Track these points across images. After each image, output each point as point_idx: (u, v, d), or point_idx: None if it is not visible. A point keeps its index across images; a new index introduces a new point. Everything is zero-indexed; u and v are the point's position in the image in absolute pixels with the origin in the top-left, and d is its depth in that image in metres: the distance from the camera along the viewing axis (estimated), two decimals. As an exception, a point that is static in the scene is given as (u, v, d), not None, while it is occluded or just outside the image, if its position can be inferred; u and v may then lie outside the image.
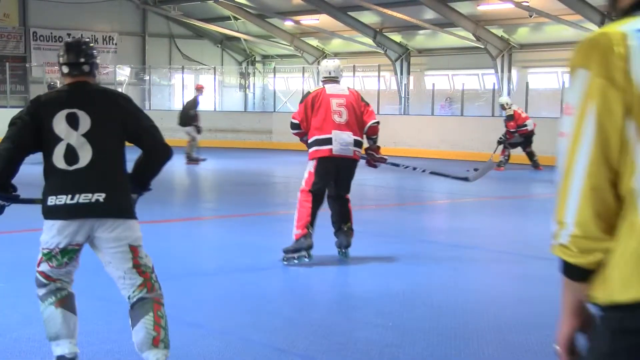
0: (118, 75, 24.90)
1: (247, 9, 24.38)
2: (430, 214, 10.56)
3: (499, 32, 21.09)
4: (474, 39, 20.88)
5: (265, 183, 13.97)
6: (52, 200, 3.51)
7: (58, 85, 17.01)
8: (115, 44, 26.03)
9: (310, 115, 6.57)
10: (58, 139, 3.50)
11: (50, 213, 3.52)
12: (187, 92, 24.92)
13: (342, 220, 6.75)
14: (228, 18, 25.50)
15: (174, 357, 3.92)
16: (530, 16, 19.34)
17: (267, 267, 6.47)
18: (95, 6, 25.12)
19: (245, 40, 27.24)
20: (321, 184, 6.54)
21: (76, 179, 3.48)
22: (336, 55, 25.62)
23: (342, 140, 6.48)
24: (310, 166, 6.57)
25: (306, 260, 6.47)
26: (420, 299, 5.50)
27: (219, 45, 28.17)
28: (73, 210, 3.47)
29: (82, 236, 3.52)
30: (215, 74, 26.33)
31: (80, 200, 3.46)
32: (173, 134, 19.36)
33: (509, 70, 21.41)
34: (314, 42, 25.60)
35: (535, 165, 15.90)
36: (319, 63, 25.32)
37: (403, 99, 23.43)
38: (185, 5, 25.20)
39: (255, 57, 28.73)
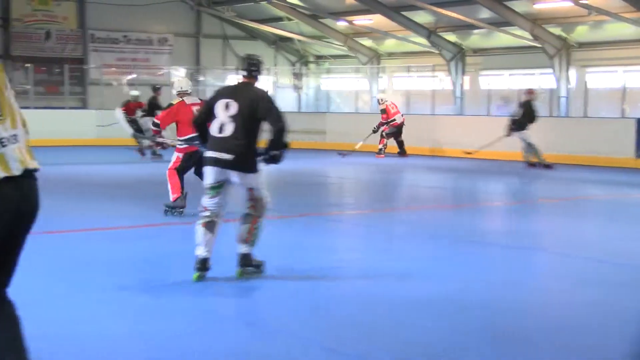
0: (173, 76, 25.19)
1: (300, 10, 24.44)
2: (486, 215, 10.42)
3: (557, 30, 20.72)
4: (531, 38, 20.57)
5: (319, 183, 13.97)
6: (207, 153, 5.75)
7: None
8: (170, 45, 26.36)
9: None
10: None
11: (205, 160, 5.74)
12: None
13: None
14: (281, 19, 25.61)
15: (233, 357, 3.94)
16: (589, 14, 18.96)
17: (324, 267, 6.45)
18: (151, 8, 25.46)
19: (298, 40, 27.31)
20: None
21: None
22: (390, 55, 25.53)
23: None
24: None
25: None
26: (477, 302, 5.41)
27: (273, 46, 28.29)
28: (214, 162, 5.69)
29: (223, 177, 5.64)
30: (269, 75, 26.44)
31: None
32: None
33: (567, 70, 21.03)
34: (367, 42, 25.53)
35: (402, 153, 19.06)
36: (372, 63, 25.29)
37: (458, 99, 23.22)
38: (239, 7, 25.38)
39: (308, 58, 28.79)
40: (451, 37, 23.07)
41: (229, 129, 5.57)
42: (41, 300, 5.14)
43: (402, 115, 19.31)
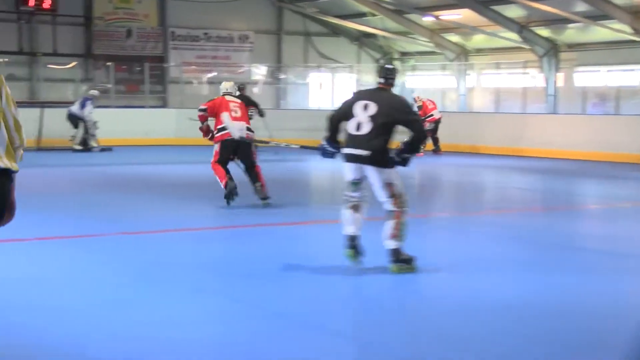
0: (253, 74, 25.52)
1: (385, 5, 24.39)
2: (580, 219, 10.21)
3: (660, 23, 20.08)
4: (631, 31, 20.01)
5: (418, 186, 13.93)
6: (344, 150, 6.39)
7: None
8: (251, 43, 26.66)
9: None
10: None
11: (344, 156, 6.37)
12: (323, 91, 25.27)
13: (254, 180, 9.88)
14: (365, 14, 25.61)
15: None
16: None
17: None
18: (231, 5, 25.84)
19: (382, 37, 27.25)
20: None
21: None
22: (478, 51, 25.23)
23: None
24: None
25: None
26: (568, 309, 5.32)
27: (356, 43, 28.30)
28: (351, 158, 6.35)
29: (359, 173, 6.28)
30: (351, 72, 26.49)
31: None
32: (309, 134, 19.71)
33: (671, 65, 20.36)
34: (454, 38, 25.29)
35: (436, 150, 19.40)
36: (460, 60, 25.02)
37: (550, 97, 22.76)
38: (322, 2, 25.51)
39: (393, 54, 28.70)
40: (544, 31, 22.63)
41: (366, 128, 6.18)
42: (130, 301, 5.29)
43: (439, 112, 20.04)
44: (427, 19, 24.10)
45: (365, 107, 6.24)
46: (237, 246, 7.37)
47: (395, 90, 6.61)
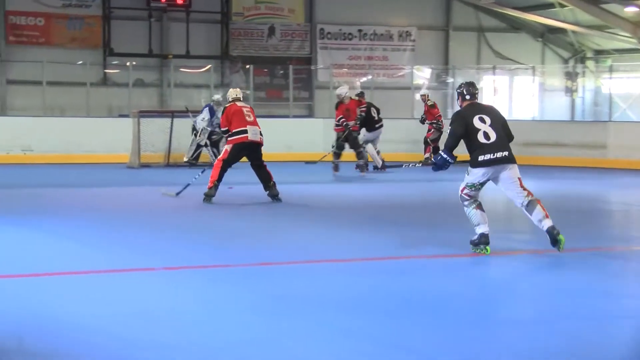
0: (415, 77, 25.39)
1: (577, -8, 23.74)
2: None
3: None
4: None
5: (597, 210, 13.36)
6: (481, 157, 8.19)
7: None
8: (413, 41, 26.59)
9: None
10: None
11: (479, 164, 8.21)
12: (499, 97, 24.81)
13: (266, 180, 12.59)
14: (552, 5, 25.00)
15: None
16: None
17: (597, 315, 6.08)
18: (391, -3, 25.97)
19: (573, 32, 26.51)
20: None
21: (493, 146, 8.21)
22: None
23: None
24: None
25: None
26: None
27: (540, 39, 27.69)
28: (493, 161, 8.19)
29: (492, 175, 8.26)
30: (534, 75, 25.90)
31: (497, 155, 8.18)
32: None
33: None
34: (664, 32, 24.24)
35: (427, 160, 19.07)
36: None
37: None
38: (499, -8, 25.19)
39: (585, 53, 27.85)
40: None
41: (493, 135, 8.26)
42: (263, 341, 5.30)
43: None
44: (630, 10, 23.22)
45: (482, 119, 8.33)
46: (387, 281, 7.23)
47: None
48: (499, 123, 8.38)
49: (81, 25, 23.91)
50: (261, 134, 12.51)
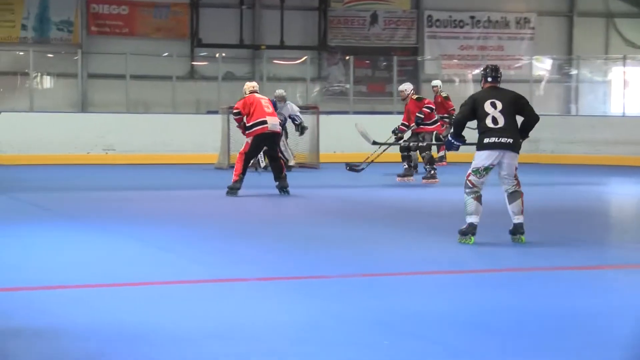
0: (535, 69, 24.96)
1: None
2: None
3: None
4: None
5: None
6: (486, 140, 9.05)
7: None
8: (532, 28, 26.22)
9: None
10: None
11: (483, 146, 9.06)
12: (631, 91, 24.18)
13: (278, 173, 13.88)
14: (692, -14, 24.33)
15: None
16: None
17: None
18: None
19: None
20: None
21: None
22: None
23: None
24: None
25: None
26: None
27: (679, 26, 27.02)
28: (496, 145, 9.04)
29: (496, 160, 9.03)
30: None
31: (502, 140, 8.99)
32: (609, 148, 18.86)
33: None
34: None
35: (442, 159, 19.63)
36: None
37: None
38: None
39: None
40: None
41: (501, 121, 9.11)
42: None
43: None
44: None
45: (493, 104, 9.16)
46: (501, 295, 7.05)
47: None
48: (512, 110, 9.23)
49: (167, 14, 24.23)
50: (280, 125, 14.27)
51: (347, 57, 24.21)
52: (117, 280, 7.39)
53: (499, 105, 9.17)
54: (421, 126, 16.29)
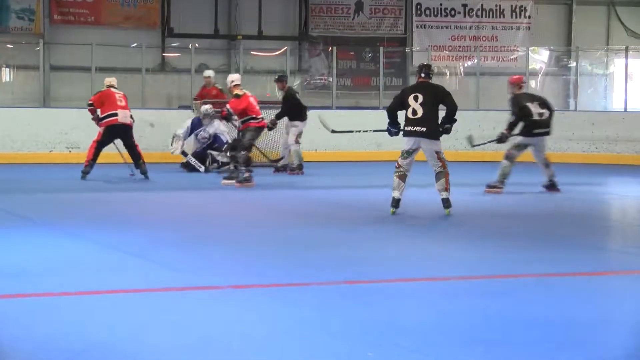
0: (531, 61, 25.04)
1: None
2: None
3: None
4: None
5: None
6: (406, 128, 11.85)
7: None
8: (529, 17, 26.27)
9: None
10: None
11: (404, 133, 11.82)
12: (634, 85, 24.28)
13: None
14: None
15: None
16: None
17: None
18: (502, -35, 25.73)
19: None
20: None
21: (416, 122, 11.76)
22: None
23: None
24: None
25: None
26: None
27: (683, 14, 27.15)
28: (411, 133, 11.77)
29: (415, 145, 11.70)
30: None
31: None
32: (611, 146, 18.97)
33: None
34: None
35: None
36: None
37: None
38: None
39: None
40: None
41: (420, 112, 11.52)
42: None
43: None
44: None
45: (416, 98, 11.59)
46: (497, 303, 7.09)
47: None
48: (434, 101, 11.66)
49: (136, 2, 24.19)
50: (132, 118, 16.51)
51: (330, 48, 24.17)
52: (82, 289, 7.38)
53: (420, 98, 11.58)
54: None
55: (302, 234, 10.92)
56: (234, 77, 16.25)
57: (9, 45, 23.04)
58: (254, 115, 15.43)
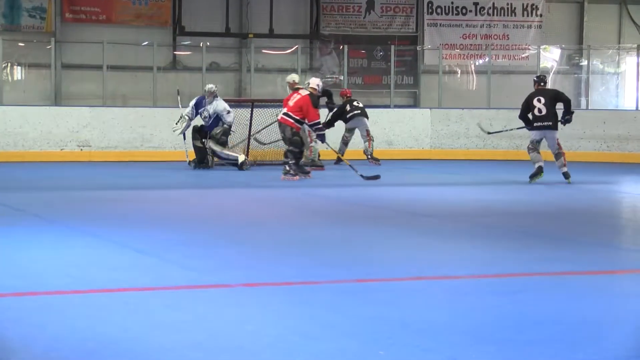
0: (543, 59, 24.98)
1: None
2: None
3: None
4: None
5: None
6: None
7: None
8: (540, 16, 26.24)
9: None
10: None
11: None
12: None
13: None
14: None
15: None
16: None
17: None
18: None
19: None
20: None
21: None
22: None
23: None
24: None
25: None
26: None
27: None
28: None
29: (542, 135, 15.83)
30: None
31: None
32: (622, 144, 18.91)
33: None
34: None
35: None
36: None
37: None
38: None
39: None
40: None
41: (543, 111, 15.20)
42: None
43: None
44: None
45: (539, 100, 15.17)
46: (510, 302, 7.07)
47: None
48: (551, 102, 15.32)
49: (148, 0, 24.17)
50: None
51: (341, 47, 24.09)
52: (93, 287, 7.37)
53: (542, 100, 15.25)
54: None
55: (313, 232, 10.91)
56: (295, 77, 17.63)
57: (20, 44, 23.08)
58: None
